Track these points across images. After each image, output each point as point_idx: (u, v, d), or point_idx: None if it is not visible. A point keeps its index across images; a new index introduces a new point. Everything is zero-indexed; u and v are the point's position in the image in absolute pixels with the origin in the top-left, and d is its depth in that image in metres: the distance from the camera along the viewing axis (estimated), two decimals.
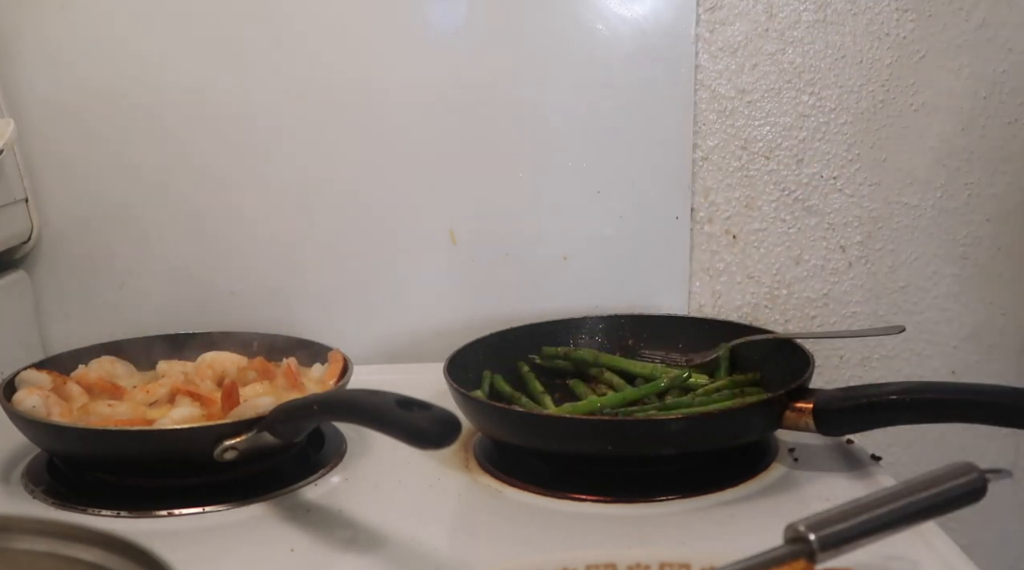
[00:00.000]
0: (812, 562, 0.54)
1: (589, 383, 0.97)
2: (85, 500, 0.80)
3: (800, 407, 0.81)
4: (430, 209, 1.12)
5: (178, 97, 1.08)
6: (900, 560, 0.66)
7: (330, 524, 0.77)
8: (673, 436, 0.80)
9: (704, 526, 0.75)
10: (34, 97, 1.07)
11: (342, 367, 0.91)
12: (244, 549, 0.74)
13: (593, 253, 1.13)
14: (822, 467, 0.84)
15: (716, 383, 0.92)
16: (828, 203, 1.15)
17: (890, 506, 0.57)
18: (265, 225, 1.11)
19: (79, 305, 1.12)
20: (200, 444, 0.77)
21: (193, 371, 0.92)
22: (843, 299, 1.18)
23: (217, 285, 1.12)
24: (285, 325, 1.03)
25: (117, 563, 0.51)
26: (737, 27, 1.10)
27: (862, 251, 1.16)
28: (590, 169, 1.11)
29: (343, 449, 0.89)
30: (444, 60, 1.09)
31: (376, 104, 1.09)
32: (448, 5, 1.08)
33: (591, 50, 1.09)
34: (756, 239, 1.15)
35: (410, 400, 0.68)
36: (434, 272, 1.13)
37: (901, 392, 0.79)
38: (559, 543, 0.73)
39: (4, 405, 0.82)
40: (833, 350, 1.18)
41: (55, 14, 1.05)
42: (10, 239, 1.06)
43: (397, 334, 1.14)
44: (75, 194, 1.10)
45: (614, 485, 0.81)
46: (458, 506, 0.81)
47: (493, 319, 1.07)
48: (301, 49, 1.08)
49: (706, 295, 1.16)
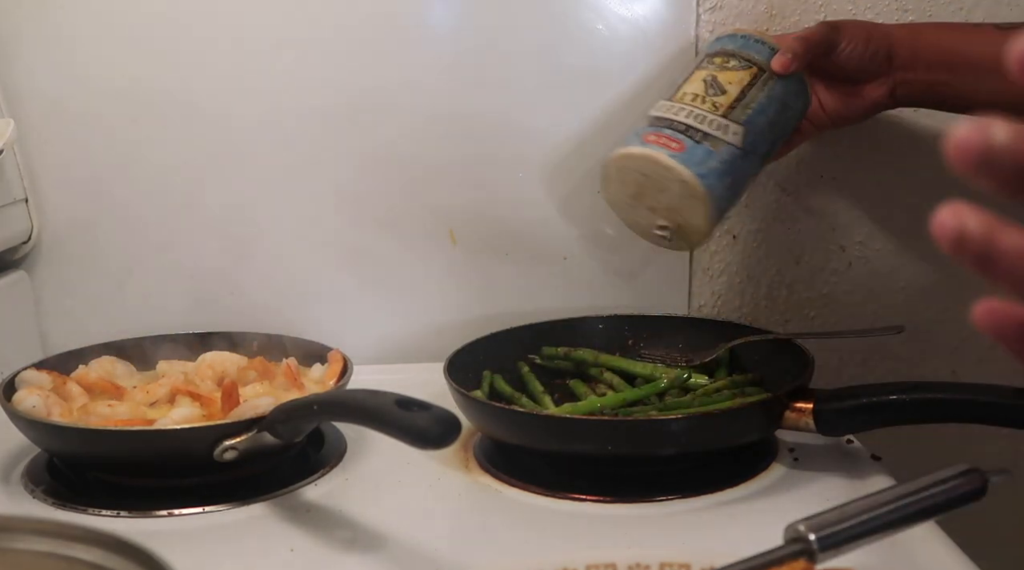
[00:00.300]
0: (812, 562, 0.54)
1: (589, 383, 0.97)
2: (85, 500, 0.80)
3: (800, 407, 0.81)
4: (430, 209, 1.12)
5: (178, 97, 1.07)
6: (900, 560, 0.66)
7: (330, 524, 0.77)
8: (673, 436, 0.80)
9: (704, 526, 0.75)
10: (34, 97, 1.07)
11: (342, 367, 0.91)
12: (244, 549, 0.74)
13: (593, 253, 1.13)
14: (822, 467, 0.84)
15: (716, 383, 0.92)
16: (828, 203, 1.15)
17: (890, 506, 0.57)
18: (265, 225, 1.11)
19: (79, 305, 1.12)
20: (200, 444, 0.77)
21: (193, 371, 0.92)
22: (843, 299, 1.18)
23: (217, 285, 1.12)
24: (285, 325, 1.03)
25: (117, 563, 0.51)
26: (737, 27, 1.10)
27: (862, 251, 1.16)
28: (590, 169, 1.11)
29: (343, 449, 0.89)
30: (443, 60, 1.09)
31: (376, 104, 1.09)
32: (446, 6, 1.08)
33: (591, 50, 1.09)
34: (756, 239, 1.15)
35: (410, 400, 0.68)
36: (434, 272, 1.13)
37: (901, 392, 0.80)
38: (559, 543, 0.73)
39: (4, 405, 0.82)
40: (833, 350, 1.18)
41: (55, 14, 1.05)
42: (10, 239, 1.06)
43: (397, 334, 1.14)
44: (75, 194, 1.10)
45: (614, 485, 0.81)
46: (458, 506, 0.81)
47: (493, 319, 1.07)
48: (301, 50, 1.08)
49: (706, 295, 1.16)
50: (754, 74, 0.89)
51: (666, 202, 0.87)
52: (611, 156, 0.89)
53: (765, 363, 0.94)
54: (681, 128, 0.85)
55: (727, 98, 0.87)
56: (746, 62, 0.89)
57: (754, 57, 0.90)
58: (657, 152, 0.84)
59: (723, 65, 0.90)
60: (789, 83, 0.89)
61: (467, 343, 0.96)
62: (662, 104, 0.89)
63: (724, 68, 0.89)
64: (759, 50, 0.90)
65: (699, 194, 0.84)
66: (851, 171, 1.14)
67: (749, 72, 0.89)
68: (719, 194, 0.85)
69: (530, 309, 1.08)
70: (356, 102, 1.09)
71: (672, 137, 0.85)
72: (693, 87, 0.89)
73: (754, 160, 0.88)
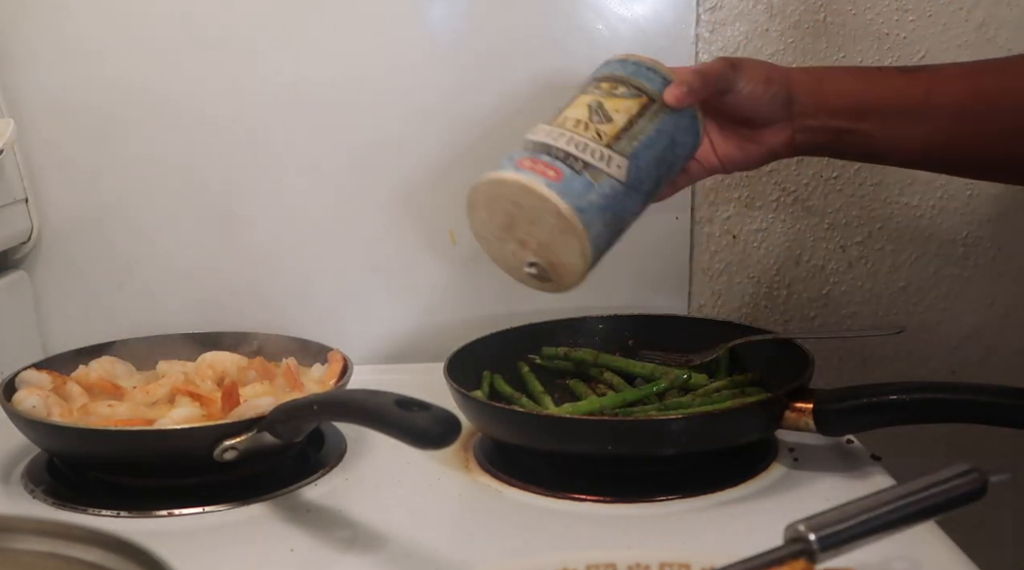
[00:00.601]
0: (812, 562, 0.54)
1: (589, 383, 0.97)
2: (85, 500, 0.80)
3: (800, 407, 0.81)
4: (430, 209, 1.12)
5: (179, 97, 1.07)
6: (900, 560, 0.66)
7: (330, 524, 0.77)
8: (673, 436, 0.80)
9: (704, 526, 0.75)
10: (34, 97, 1.07)
11: (342, 367, 0.91)
12: (244, 549, 0.74)
13: None
14: (822, 467, 0.84)
15: (716, 383, 0.92)
16: (828, 203, 1.15)
17: (890, 506, 0.57)
18: (265, 225, 1.11)
19: (79, 305, 1.12)
20: (200, 444, 0.77)
21: (193, 371, 0.92)
22: (843, 299, 1.18)
23: (217, 285, 1.12)
24: (285, 325, 1.02)
25: (117, 563, 0.51)
26: (737, 27, 1.10)
27: (862, 251, 1.16)
28: None
29: (343, 449, 0.89)
30: (444, 61, 1.09)
31: (376, 105, 1.09)
32: (447, 6, 1.08)
33: (591, 50, 1.09)
34: (756, 239, 1.15)
35: (410, 400, 0.68)
36: (434, 272, 1.13)
37: (901, 392, 0.80)
38: (559, 543, 0.73)
39: (4, 405, 0.82)
40: (833, 350, 1.18)
41: (55, 14, 1.05)
42: (10, 239, 1.06)
43: (397, 334, 1.14)
44: (75, 194, 1.10)
45: (614, 485, 0.81)
46: (458, 506, 0.81)
47: (493, 319, 1.07)
48: (302, 49, 1.08)
49: (706, 295, 1.16)
50: (644, 104, 0.80)
51: (538, 236, 0.78)
52: (479, 181, 0.80)
53: (765, 363, 0.94)
54: (560, 155, 0.77)
55: (613, 127, 0.79)
56: (636, 90, 0.80)
57: (645, 86, 0.81)
58: (531, 179, 0.76)
59: (611, 91, 0.81)
60: (680, 118, 0.81)
61: (467, 343, 0.96)
62: (541, 128, 0.81)
63: (611, 95, 0.81)
64: (651, 79, 0.81)
65: (575, 229, 0.75)
66: (851, 171, 1.14)
67: (638, 102, 0.80)
68: (596, 232, 0.77)
69: (530, 309, 1.08)
70: (356, 103, 1.09)
71: (550, 164, 0.76)
72: (576, 112, 0.80)
73: (636, 198, 0.79)
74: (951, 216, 1.15)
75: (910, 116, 0.83)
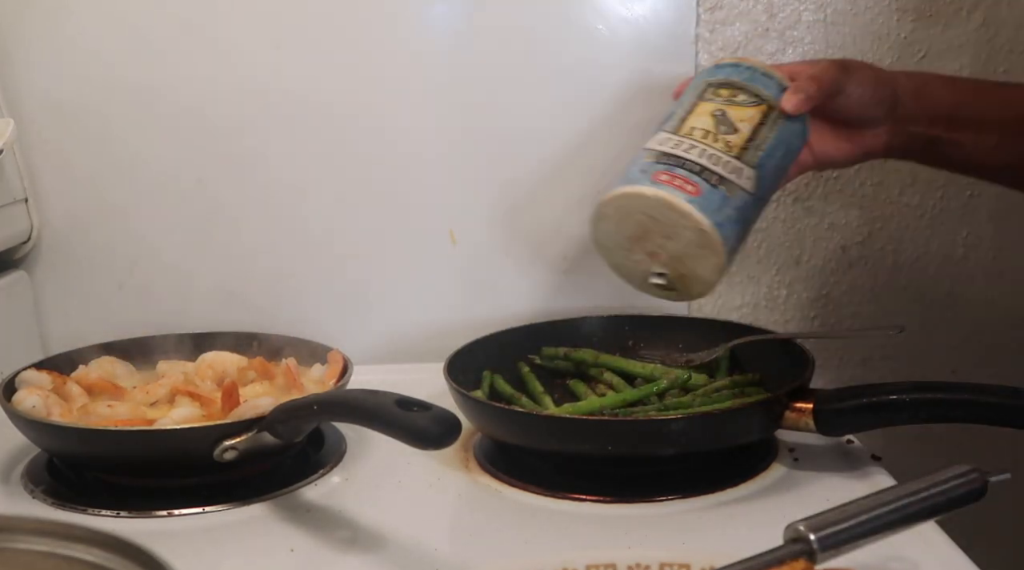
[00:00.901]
0: (812, 562, 0.54)
1: (589, 383, 0.97)
2: (85, 500, 0.80)
3: (800, 407, 0.81)
4: (430, 209, 1.12)
5: (178, 98, 1.07)
6: (900, 560, 0.66)
7: (330, 524, 0.77)
8: (673, 436, 0.80)
9: (704, 526, 0.75)
10: (34, 97, 1.07)
11: (342, 367, 0.91)
12: (244, 549, 0.74)
13: (593, 253, 1.13)
14: (822, 467, 0.84)
15: (716, 383, 0.92)
16: (828, 203, 1.15)
17: (890, 506, 0.57)
18: (265, 225, 1.11)
19: (79, 305, 1.12)
20: (200, 444, 0.77)
21: (193, 371, 0.92)
22: (843, 299, 1.18)
23: (217, 285, 1.12)
24: (285, 325, 1.02)
25: (117, 563, 0.51)
26: (737, 27, 1.10)
27: (862, 251, 1.16)
28: (591, 169, 1.11)
29: (343, 449, 0.89)
30: (443, 61, 1.09)
31: (376, 104, 1.09)
32: (447, 6, 1.08)
33: (591, 50, 1.09)
34: (756, 239, 1.15)
35: (410, 400, 0.68)
36: (434, 272, 1.13)
37: (901, 392, 0.80)
38: (559, 543, 0.73)
39: (4, 405, 0.82)
40: (833, 350, 1.18)
41: (55, 14, 1.05)
42: (10, 239, 1.06)
43: (397, 334, 1.14)
44: (75, 194, 1.10)
45: (614, 485, 0.81)
46: (458, 506, 0.81)
47: (493, 319, 1.07)
48: (300, 51, 1.08)
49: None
50: (764, 112, 0.80)
51: (671, 249, 0.78)
52: (612, 193, 0.80)
53: (765, 363, 0.94)
54: (696, 169, 0.77)
55: (739, 138, 0.79)
56: (755, 98, 0.81)
57: (763, 93, 0.81)
58: (672, 195, 0.76)
59: (731, 99, 0.81)
60: (794, 124, 0.82)
61: (467, 343, 0.96)
62: (667, 137, 0.80)
63: (733, 103, 0.81)
64: (767, 85, 0.82)
65: (714, 245, 0.76)
66: (851, 171, 1.14)
67: (759, 110, 0.80)
68: (731, 246, 0.77)
69: (530, 309, 1.08)
70: (356, 103, 1.09)
71: (688, 178, 0.76)
72: (700, 121, 0.80)
73: (761, 207, 0.81)
74: (951, 216, 1.15)
75: (1005, 130, 0.83)
